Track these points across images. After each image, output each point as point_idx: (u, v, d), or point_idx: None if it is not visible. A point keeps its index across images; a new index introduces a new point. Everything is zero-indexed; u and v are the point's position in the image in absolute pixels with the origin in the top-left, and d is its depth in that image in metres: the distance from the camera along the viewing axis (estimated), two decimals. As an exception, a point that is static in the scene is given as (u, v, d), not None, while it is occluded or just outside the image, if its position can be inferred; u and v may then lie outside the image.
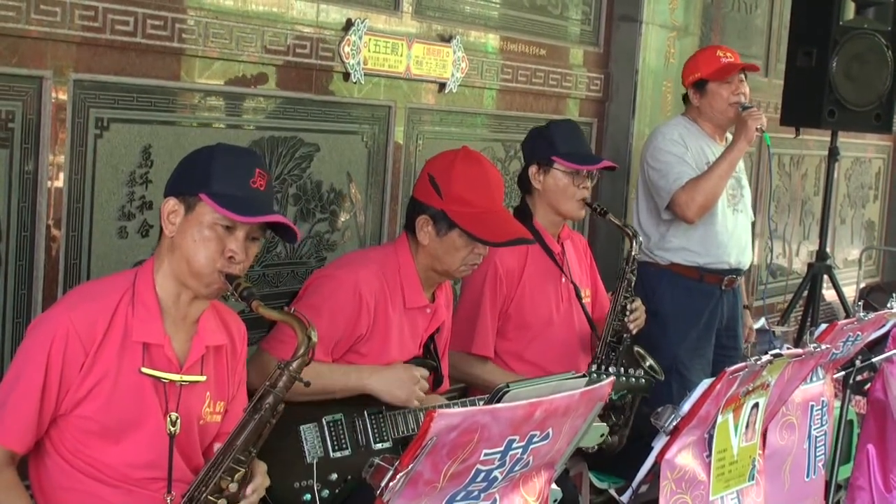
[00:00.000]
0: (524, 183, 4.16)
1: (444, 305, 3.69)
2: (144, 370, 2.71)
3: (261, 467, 2.76)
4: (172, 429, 2.74)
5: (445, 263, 3.49)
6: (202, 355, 2.81)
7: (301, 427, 3.33)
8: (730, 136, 5.00)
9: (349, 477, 3.33)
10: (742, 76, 4.92)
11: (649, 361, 3.99)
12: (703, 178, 4.75)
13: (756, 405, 3.04)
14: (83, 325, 2.66)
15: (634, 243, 4.13)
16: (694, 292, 4.92)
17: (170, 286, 2.75)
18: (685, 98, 5.05)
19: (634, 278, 4.13)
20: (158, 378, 2.72)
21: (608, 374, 3.75)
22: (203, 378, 2.81)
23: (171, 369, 2.74)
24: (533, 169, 4.11)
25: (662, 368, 4.06)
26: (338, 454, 3.37)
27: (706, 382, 2.82)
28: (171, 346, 2.75)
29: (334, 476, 3.32)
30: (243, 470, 2.62)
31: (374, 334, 3.42)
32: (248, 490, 2.66)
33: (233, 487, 2.60)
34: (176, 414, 2.74)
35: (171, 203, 2.73)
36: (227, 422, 2.90)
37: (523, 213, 4.10)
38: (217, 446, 2.66)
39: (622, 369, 3.85)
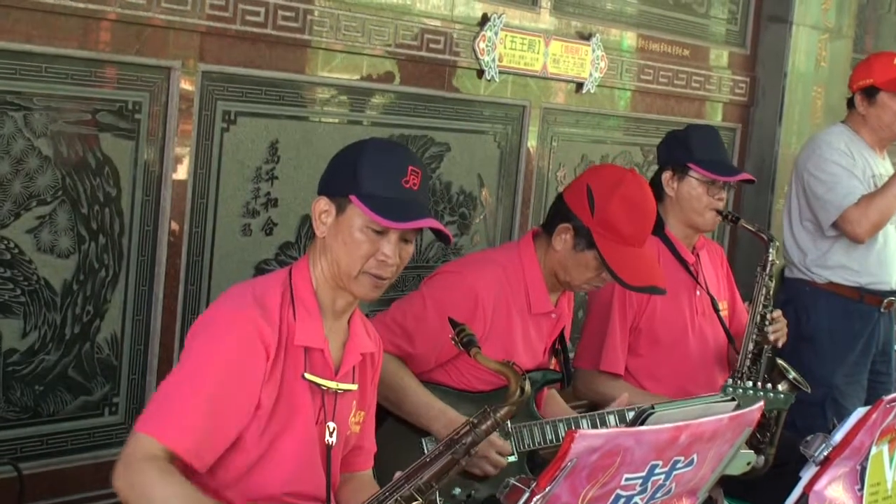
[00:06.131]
0: (657, 189, 4.07)
1: (567, 308, 3.66)
2: (308, 376, 2.67)
3: None
4: (330, 439, 2.70)
5: (570, 276, 3.45)
6: (358, 362, 2.78)
7: (422, 439, 3.31)
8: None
9: (472, 492, 3.31)
10: None
11: (793, 374, 3.90)
12: (877, 195, 4.65)
13: (914, 437, 2.96)
14: (265, 330, 2.60)
15: (771, 248, 4.04)
16: (853, 314, 4.80)
17: (326, 288, 2.71)
18: (850, 102, 4.92)
19: (773, 285, 4.05)
20: (318, 385, 2.69)
21: (744, 390, 3.67)
22: (355, 386, 2.78)
23: (326, 375, 2.70)
24: (667, 174, 4.05)
25: (817, 397, 3.96)
26: None
27: (861, 411, 2.75)
28: (329, 350, 2.72)
29: (457, 490, 3.29)
30: (420, 501, 2.54)
31: (492, 338, 3.35)
32: None
33: None
34: (333, 424, 2.70)
35: (323, 202, 2.68)
36: (363, 434, 2.88)
37: (654, 222, 4.02)
38: (398, 474, 2.56)
39: (758, 384, 3.77)
